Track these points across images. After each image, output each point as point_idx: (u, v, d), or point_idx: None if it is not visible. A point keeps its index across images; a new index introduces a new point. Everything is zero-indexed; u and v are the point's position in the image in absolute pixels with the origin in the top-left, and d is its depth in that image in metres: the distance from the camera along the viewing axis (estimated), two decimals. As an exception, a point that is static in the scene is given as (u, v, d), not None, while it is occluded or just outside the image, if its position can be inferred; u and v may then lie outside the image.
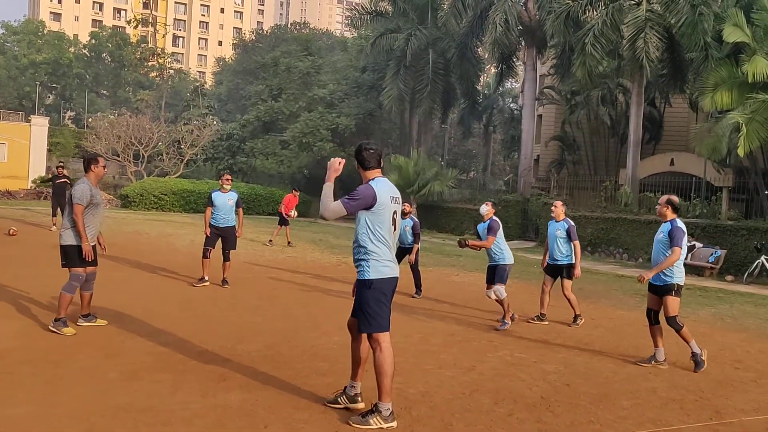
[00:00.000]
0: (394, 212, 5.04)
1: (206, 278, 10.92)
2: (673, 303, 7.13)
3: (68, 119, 72.00)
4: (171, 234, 19.99)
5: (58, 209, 18.62)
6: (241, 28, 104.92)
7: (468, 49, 34.14)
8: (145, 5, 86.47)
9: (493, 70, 44.31)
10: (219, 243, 11.02)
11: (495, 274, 9.19)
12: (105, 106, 64.13)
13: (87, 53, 76.56)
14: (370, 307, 4.93)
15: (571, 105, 32.98)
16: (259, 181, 41.68)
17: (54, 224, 18.60)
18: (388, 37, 35.56)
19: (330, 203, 4.91)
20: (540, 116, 37.97)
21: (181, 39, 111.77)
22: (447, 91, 36.76)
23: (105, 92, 75.35)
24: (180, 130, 41.70)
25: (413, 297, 11.06)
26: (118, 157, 39.28)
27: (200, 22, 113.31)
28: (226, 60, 76.17)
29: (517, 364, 6.99)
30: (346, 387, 5.22)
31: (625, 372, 6.92)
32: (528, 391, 6.02)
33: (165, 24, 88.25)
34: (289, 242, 19.08)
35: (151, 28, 73.04)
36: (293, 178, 44.11)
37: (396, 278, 5.09)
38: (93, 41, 76.87)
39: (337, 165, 5.06)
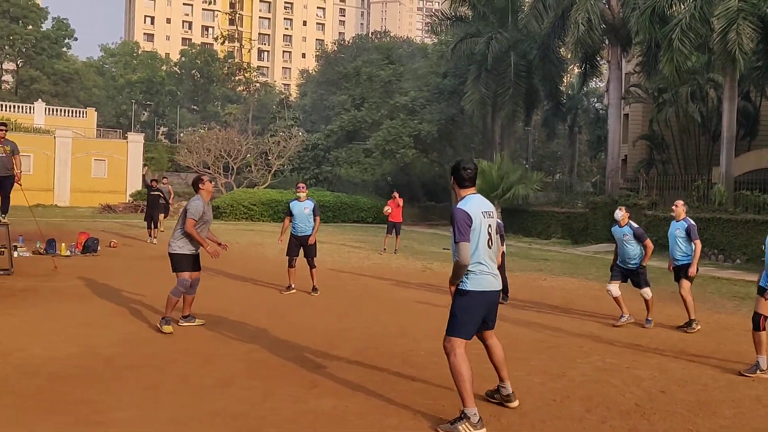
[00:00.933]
0: (489, 226, 5.09)
1: (293, 286, 11.16)
2: None
3: (161, 135, 75.19)
4: (260, 243, 20.56)
5: (151, 221, 19.49)
6: (323, 40, 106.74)
7: (550, 50, 33.56)
8: (231, 22, 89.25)
9: (576, 70, 43.39)
10: (302, 252, 11.22)
11: (639, 277, 9.30)
12: (195, 121, 66.57)
13: (178, 71, 79.79)
14: (458, 312, 5.04)
15: (659, 103, 31.90)
16: (344, 190, 42.25)
17: (151, 235, 19.42)
18: (468, 42, 35.40)
19: (461, 255, 4.93)
20: (626, 115, 36.88)
21: (266, 53, 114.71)
22: (530, 93, 36.25)
23: (195, 107, 78.22)
24: (267, 142, 42.82)
25: (500, 303, 10.94)
26: (209, 169, 40.63)
27: (284, 35, 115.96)
28: (310, 72, 77.72)
29: (608, 370, 6.82)
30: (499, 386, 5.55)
31: (726, 379, 6.64)
32: (621, 398, 5.86)
33: (250, 39, 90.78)
34: (394, 250, 19.08)
35: (237, 44, 75.30)
36: (377, 185, 44.51)
37: (495, 291, 5.18)
38: (183, 59, 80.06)
39: None
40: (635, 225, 9.39)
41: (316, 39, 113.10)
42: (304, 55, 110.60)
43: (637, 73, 32.17)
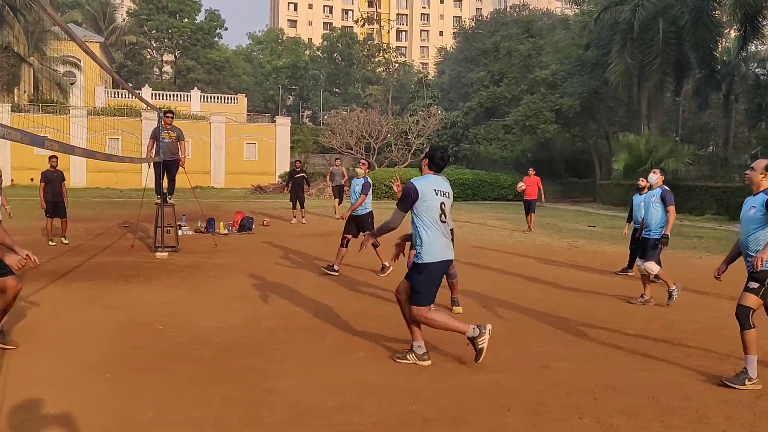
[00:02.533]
0: (442, 203, 5.74)
1: (336, 267, 10.57)
2: None
3: (306, 118, 77.88)
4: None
5: (297, 202, 20.27)
6: (460, 17, 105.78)
7: (704, 13, 31.41)
8: (370, 3, 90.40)
9: (733, 34, 40.35)
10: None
11: (647, 247, 8.81)
12: (337, 103, 68.40)
13: (320, 55, 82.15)
14: (419, 288, 5.70)
15: (832, 65, 29.12)
16: (483, 167, 41.98)
17: (294, 217, 20.26)
18: (612, 10, 33.93)
19: (392, 218, 5.78)
20: (793, 80, 33.97)
21: (404, 33, 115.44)
22: (680, 61, 34.21)
23: (337, 90, 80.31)
24: (406, 122, 43.25)
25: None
26: (352, 150, 41.67)
27: (421, 14, 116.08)
28: (448, 49, 77.47)
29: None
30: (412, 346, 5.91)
31: None
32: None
33: (389, 20, 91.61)
34: (529, 228, 18.54)
35: (376, 25, 76.24)
36: (517, 162, 43.85)
37: (448, 260, 5.82)
38: (325, 43, 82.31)
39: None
40: (666, 187, 8.92)
41: (454, 16, 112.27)
42: (441, 33, 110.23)
43: (806, 34, 29.50)
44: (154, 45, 75.47)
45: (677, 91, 38.48)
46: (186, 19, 71.95)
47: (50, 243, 13.30)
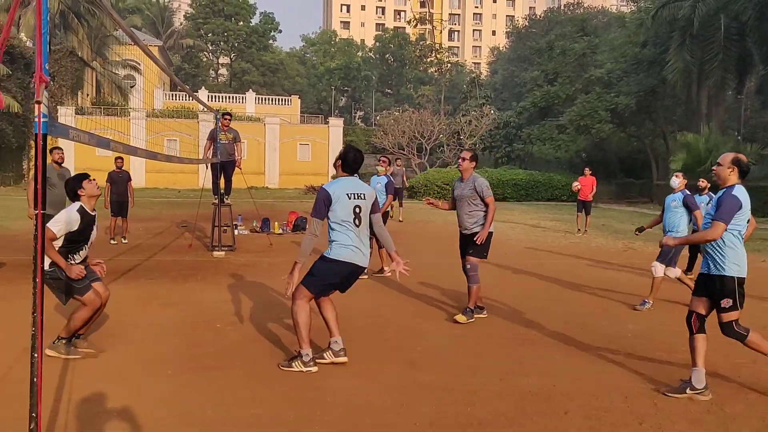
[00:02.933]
0: (356, 206, 5.57)
1: (385, 269, 10.41)
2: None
3: (358, 119, 78.30)
4: (454, 222, 20.80)
5: None
6: (513, 16, 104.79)
7: (768, 7, 30.44)
8: (422, 4, 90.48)
9: (800, 29, 38.96)
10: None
11: (661, 251, 8.55)
12: (389, 104, 68.55)
13: (372, 56, 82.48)
14: (316, 272, 5.64)
15: None
16: (537, 167, 41.50)
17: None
18: (671, 7, 33.14)
19: (309, 227, 5.61)
20: None
21: (456, 33, 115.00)
22: (742, 57, 33.17)
23: (389, 91, 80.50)
24: (459, 122, 43.13)
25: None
26: (404, 150, 41.73)
27: (474, 14, 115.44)
28: (500, 49, 76.91)
29: None
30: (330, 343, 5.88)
31: None
32: None
33: (441, 20, 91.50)
34: (582, 230, 18.09)
35: (428, 26, 76.20)
36: (571, 162, 43.24)
37: (355, 265, 5.62)
38: (377, 44, 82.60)
39: None
40: (688, 192, 8.63)
41: (507, 15, 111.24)
42: (494, 33, 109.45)
43: None
44: (211, 48, 76.93)
45: (739, 88, 37.37)
46: (241, 22, 73.16)
47: (111, 242, 13.69)
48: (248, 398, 4.92)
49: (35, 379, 3.47)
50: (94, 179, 5.95)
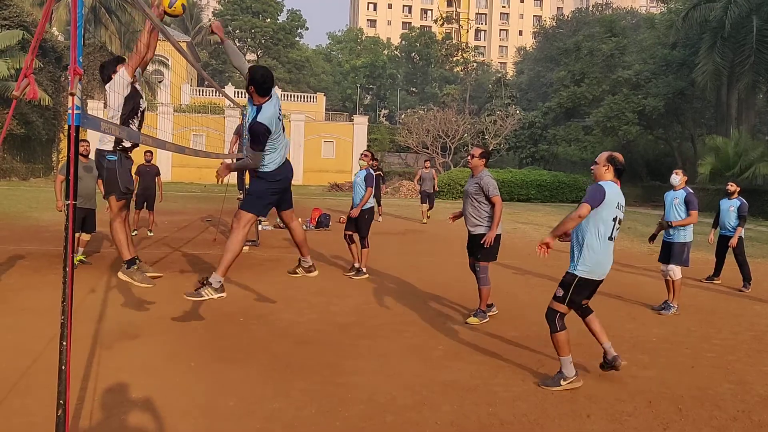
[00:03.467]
0: (280, 121, 5.80)
1: (356, 266, 10.15)
2: None
3: (383, 117, 78.28)
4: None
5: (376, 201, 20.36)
6: (540, 16, 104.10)
7: (803, 10, 29.95)
8: (449, 3, 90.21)
9: (834, 33, 38.27)
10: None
11: (672, 252, 8.47)
12: (414, 103, 68.44)
13: (398, 54, 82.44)
14: (254, 193, 5.95)
15: None
16: (562, 168, 41.22)
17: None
18: (702, 8, 32.71)
19: (254, 159, 5.77)
20: None
21: (482, 32, 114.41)
22: (774, 61, 32.66)
23: (414, 89, 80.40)
24: (483, 121, 42.96)
25: (741, 291, 10.16)
26: (427, 149, 41.65)
27: (501, 13, 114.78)
28: (527, 49, 76.42)
29: None
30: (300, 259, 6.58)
31: None
32: None
33: (468, 19, 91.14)
34: None
35: (455, 25, 75.96)
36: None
37: (288, 177, 6.06)
38: (403, 42, 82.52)
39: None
40: (690, 190, 8.61)
41: (534, 15, 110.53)
42: (521, 33, 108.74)
43: None
44: (238, 44, 77.36)
45: (771, 92, 36.83)
46: (269, 19, 73.53)
47: (133, 233, 13.83)
48: (270, 392, 4.95)
49: (63, 367, 3.52)
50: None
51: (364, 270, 10.05)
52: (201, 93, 54.83)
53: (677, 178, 8.77)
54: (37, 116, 35.20)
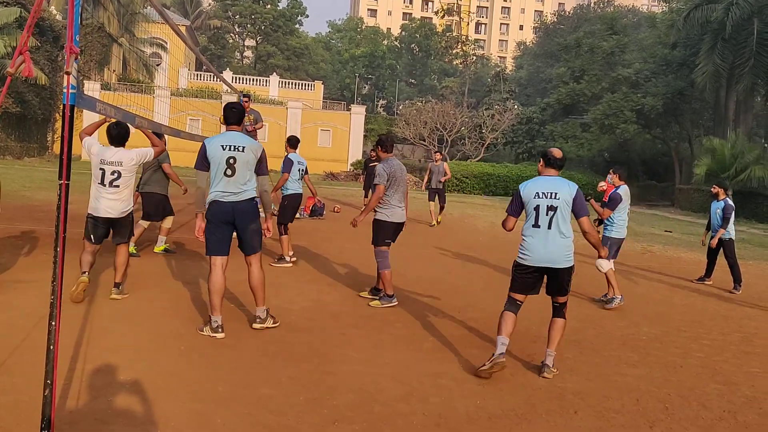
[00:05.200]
0: (231, 158, 5.92)
1: (286, 258, 9.92)
2: None
3: (380, 107, 78.11)
4: (472, 215, 20.80)
5: (370, 191, 20.34)
6: (542, 11, 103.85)
7: (803, 14, 29.96)
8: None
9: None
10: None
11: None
12: (413, 94, 68.31)
13: (398, 45, 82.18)
14: (206, 234, 6.12)
15: None
16: (558, 165, 41.20)
17: (365, 205, 20.39)
18: (704, 9, 32.69)
19: (198, 179, 6.11)
20: None
21: (483, 26, 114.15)
22: (774, 64, 32.69)
23: (413, 81, 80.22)
24: (481, 115, 42.90)
25: (731, 292, 10.20)
26: (425, 141, 41.60)
27: (502, 7, 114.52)
28: (527, 44, 76.32)
29: None
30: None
31: None
32: None
33: (469, 12, 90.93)
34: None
35: (456, 17, 75.74)
36: (593, 161, 42.93)
37: (230, 203, 6.02)
38: (403, 33, 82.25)
39: None
40: (624, 187, 8.90)
41: (535, 10, 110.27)
42: (521, 27, 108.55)
43: None
44: (237, 30, 77.06)
45: (769, 95, 36.90)
46: (269, 5, 73.12)
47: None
48: (260, 378, 4.94)
49: (52, 347, 3.51)
50: None
51: (287, 258, 9.93)
52: (199, 77, 54.58)
53: (610, 177, 9.03)
54: (33, 95, 34.97)
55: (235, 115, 6.21)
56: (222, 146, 5.96)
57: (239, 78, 56.24)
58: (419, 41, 78.95)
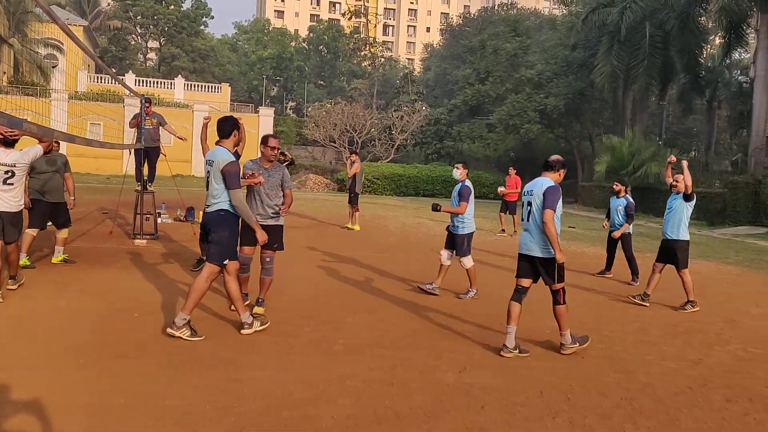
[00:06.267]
0: (208, 172, 6.24)
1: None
2: None
3: (290, 109, 77.49)
4: (383, 216, 20.91)
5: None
6: (448, 14, 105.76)
7: (690, 19, 31.67)
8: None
9: (718, 41, 40.74)
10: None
11: (455, 243, 8.83)
12: (322, 96, 68.12)
13: (306, 46, 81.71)
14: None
15: (814, 74, 29.42)
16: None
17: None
18: (600, 12, 34.10)
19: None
20: (775, 88, 34.27)
21: (391, 27, 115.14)
22: (665, 65, 34.46)
23: (322, 83, 79.96)
24: (391, 117, 43.25)
25: (629, 284, 10.65)
26: (335, 143, 41.56)
27: (409, 9, 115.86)
28: (434, 46, 77.47)
29: (751, 360, 6.47)
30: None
31: None
32: (766, 390, 5.56)
33: (376, 14, 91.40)
34: (512, 231, 17.85)
35: (363, 19, 75.99)
36: (499, 161, 43.98)
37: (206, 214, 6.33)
38: (311, 35, 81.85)
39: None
40: (467, 183, 9.00)
41: (441, 12, 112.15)
42: (428, 29, 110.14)
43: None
44: (139, 31, 74.59)
45: (662, 95, 38.80)
46: (172, 6, 71.16)
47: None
48: (164, 388, 4.79)
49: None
50: None
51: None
52: (99, 80, 52.60)
53: (458, 172, 9.05)
54: None
55: (221, 129, 6.39)
56: (206, 161, 6.35)
57: (143, 81, 54.53)
58: (327, 43, 78.79)
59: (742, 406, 5.14)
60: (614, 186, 11.40)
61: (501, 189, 17.63)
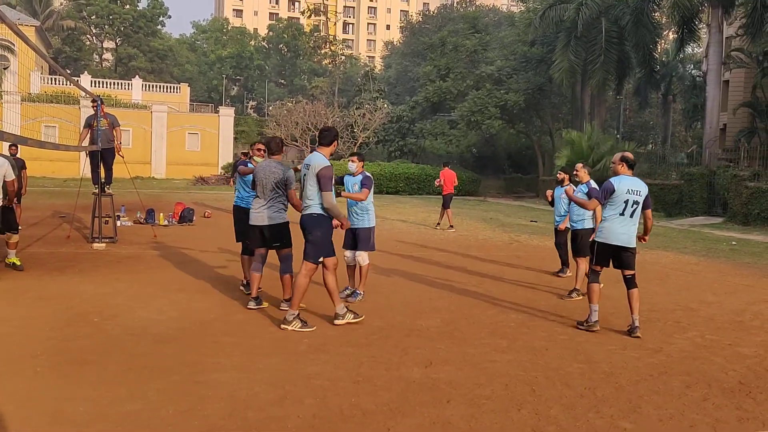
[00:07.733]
0: (304, 175, 6.80)
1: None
2: None
3: (251, 108, 76.87)
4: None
5: None
6: (408, 11, 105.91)
7: (644, 14, 32.15)
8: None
9: (672, 36, 41.61)
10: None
11: (358, 238, 8.29)
12: (283, 95, 67.70)
13: (266, 45, 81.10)
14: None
15: (764, 68, 30.18)
16: (429, 162, 42.21)
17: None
18: (557, 8, 34.47)
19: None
20: (726, 82, 35.09)
21: (350, 26, 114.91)
22: (621, 60, 35.00)
23: (282, 81, 79.46)
24: (353, 115, 43.16)
25: (558, 276, 10.66)
26: (297, 142, 41.35)
27: (369, 7, 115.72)
28: (394, 43, 77.53)
29: (709, 346, 6.61)
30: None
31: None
32: (723, 375, 5.67)
33: (336, 12, 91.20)
34: (450, 225, 17.67)
35: (323, 17, 75.73)
36: (462, 157, 44.22)
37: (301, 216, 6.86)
38: (271, 33, 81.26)
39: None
40: (367, 174, 8.50)
41: (401, 10, 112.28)
42: (388, 27, 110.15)
43: (740, 37, 30.42)
44: (94, 31, 73.23)
45: (619, 89, 39.39)
46: (128, 6, 70.03)
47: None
48: (125, 393, 4.70)
49: None
50: None
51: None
52: (53, 81, 51.51)
53: (353, 165, 8.51)
54: None
55: (322, 137, 6.90)
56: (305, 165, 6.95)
57: (99, 82, 53.58)
58: (287, 41, 78.31)
59: (701, 391, 5.24)
60: (558, 175, 10.89)
61: (439, 180, 17.39)
